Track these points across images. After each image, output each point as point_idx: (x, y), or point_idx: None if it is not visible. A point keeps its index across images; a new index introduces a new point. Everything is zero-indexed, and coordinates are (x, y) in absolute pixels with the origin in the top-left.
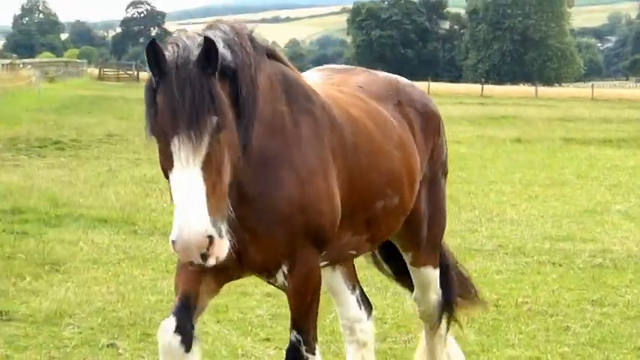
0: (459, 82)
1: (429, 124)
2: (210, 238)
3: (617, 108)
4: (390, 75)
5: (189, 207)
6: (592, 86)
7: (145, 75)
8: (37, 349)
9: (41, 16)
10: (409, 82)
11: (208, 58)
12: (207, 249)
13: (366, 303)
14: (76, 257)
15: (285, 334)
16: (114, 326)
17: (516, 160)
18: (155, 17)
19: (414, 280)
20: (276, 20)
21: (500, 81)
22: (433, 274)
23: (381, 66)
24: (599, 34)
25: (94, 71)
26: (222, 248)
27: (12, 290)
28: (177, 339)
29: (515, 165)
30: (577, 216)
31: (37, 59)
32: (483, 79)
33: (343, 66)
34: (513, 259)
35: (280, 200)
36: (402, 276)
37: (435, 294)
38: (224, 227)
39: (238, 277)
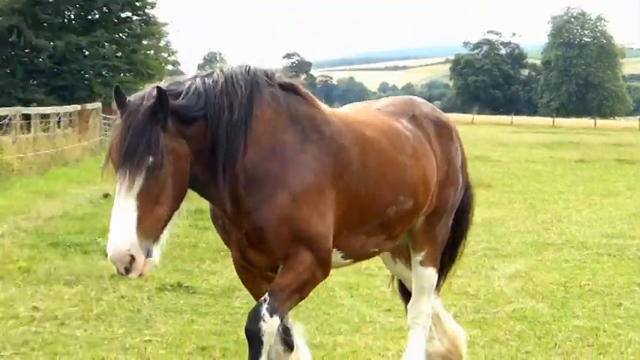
0: (535, 116)
1: (442, 132)
2: (132, 256)
3: None
4: (406, 96)
5: (117, 229)
6: (639, 119)
7: None
8: (214, 315)
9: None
10: (422, 100)
11: (160, 107)
12: (130, 265)
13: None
14: None
15: (401, 307)
16: None
17: (580, 176)
18: (304, 66)
19: (414, 284)
20: (395, 68)
21: (567, 115)
22: (434, 278)
23: (475, 103)
24: None
25: None
26: (146, 266)
27: (196, 270)
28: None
29: (579, 179)
30: (627, 218)
31: None
32: (554, 114)
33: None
34: (578, 252)
35: (270, 213)
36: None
37: (428, 303)
38: (154, 248)
39: (270, 275)
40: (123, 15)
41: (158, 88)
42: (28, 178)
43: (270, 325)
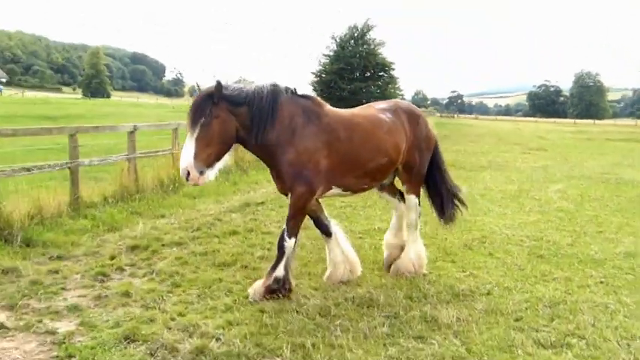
0: None
1: (411, 119)
2: (188, 172)
3: None
4: (398, 100)
5: (182, 157)
6: None
7: None
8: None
9: None
10: (406, 102)
11: (214, 91)
12: (187, 177)
13: (403, 199)
14: None
15: (452, 268)
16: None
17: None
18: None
19: (406, 204)
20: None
21: None
22: (415, 200)
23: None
24: None
25: None
26: (200, 179)
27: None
28: (323, 235)
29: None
30: (609, 164)
31: None
32: None
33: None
34: (587, 180)
35: (285, 161)
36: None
37: (414, 213)
38: (207, 170)
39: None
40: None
41: (217, 81)
42: None
43: (289, 243)
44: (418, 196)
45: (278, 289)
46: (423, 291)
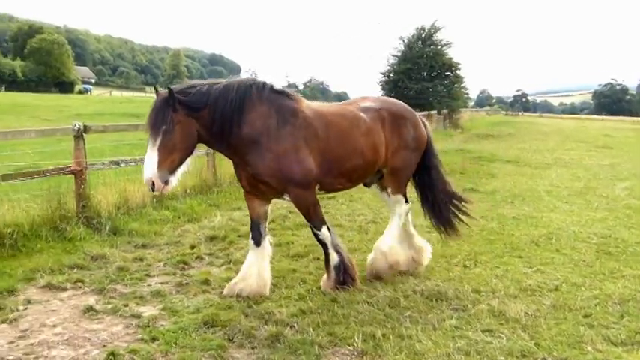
0: None
1: (396, 120)
2: (153, 182)
3: None
4: (388, 98)
5: (146, 167)
6: None
7: None
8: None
9: None
10: (394, 100)
11: (169, 97)
12: (152, 187)
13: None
14: None
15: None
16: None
17: None
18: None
19: (390, 204)
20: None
21: None
22: (400, 199)
23: None
24: None
25: None
26: (164, 189)
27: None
28: (252, 242)
29: None
30: None
31: None
32: None
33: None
34: None
35: (261, 167)
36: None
37: (400, 207)
38: (171, 178)
39: (269, 199)
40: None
41: (168, 87)
42: None
43: (323, 233)
44: (404, 196)
45: (343, 279)
46: (490, 285)
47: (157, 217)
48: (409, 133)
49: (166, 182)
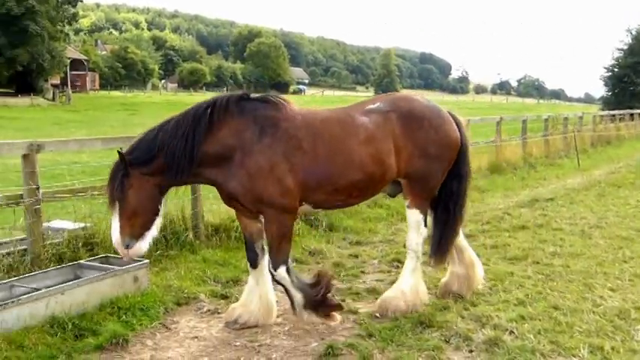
0: None
1: (410, 123)
2: (116, 248)
3: None
4: (405, 95)
5: (112, 233)
6: None
7: None
8: None
9: None
10: (410, 98)
11: (120, 165)
12: (118, 252)
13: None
14: None
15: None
16: None
17: None
18: None
19: (408, 219)
20: None
21: None
22: (418, 216)
23: None
24: None
25: None
26: (129, 252)
27: None
28: (248, 264)
29: None
30: None
31: None
32: None
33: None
34: None
35: (235, 185)
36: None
37: (415, 233)
38: (133, 242)
39: (256, 216)
40: None
41: (118, 152)
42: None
43: (279, 274)
44: (424, 212)
45: (318, 314)
46: None
47: (371, 214)
48: (427, 136)
49: (128, 246)
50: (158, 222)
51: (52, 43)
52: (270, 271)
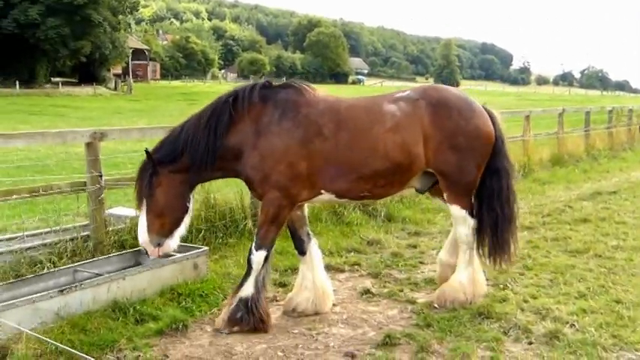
0: None
1: (439, 112)
2: (145, 247)
3: None
4: (437, 85)
5: (138, 232)
6: None
7: None
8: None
9: None
10: (440, 87)
11: (148, 163)
12: (146, 252)
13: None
14: None
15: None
16: None
17: None
18: None
19: (452, 215)
20: None
21: None
22: (460, 212)
23: None
24: None
25: None
26: (159, 251)
27: None
28: (296, 252)
29: None
30: None
31: None
32: None
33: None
34: None
35: (249, 165)
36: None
37: (463, 226)
38: (163, 240)
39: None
40: None
41: (146, 150)
42: None
43: (256, 256)
44: (465, 207)
45: (243, 316)
46: None
47: (430, 205)
48: (457, 126)
49: (159, 245)
50: (187, 220)
51: (114, 33)
52: (249, 249)
